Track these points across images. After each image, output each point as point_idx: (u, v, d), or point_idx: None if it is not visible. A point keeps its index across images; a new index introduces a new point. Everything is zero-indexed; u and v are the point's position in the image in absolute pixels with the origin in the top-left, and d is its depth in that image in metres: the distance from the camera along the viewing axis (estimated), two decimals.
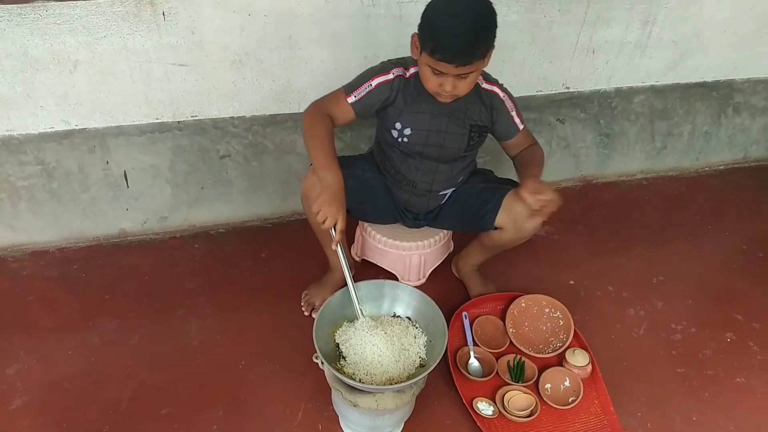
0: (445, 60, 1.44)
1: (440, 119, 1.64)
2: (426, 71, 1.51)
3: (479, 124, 1.68)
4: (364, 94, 1.60)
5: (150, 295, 1.95)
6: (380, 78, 1.60)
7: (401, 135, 1.66)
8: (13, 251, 2.07)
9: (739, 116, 2.65)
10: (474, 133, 1.69)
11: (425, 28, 1.46)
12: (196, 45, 1.82)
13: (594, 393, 1.72)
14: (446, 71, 1.47)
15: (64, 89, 1.80)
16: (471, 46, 1.43)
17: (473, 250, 1.95)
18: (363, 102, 1.61)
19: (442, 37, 1.42)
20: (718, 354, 1.88)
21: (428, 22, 1.46)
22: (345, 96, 1.60)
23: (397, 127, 1.65)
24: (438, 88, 1.52)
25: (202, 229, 2.21)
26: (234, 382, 1.71)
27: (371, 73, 1.62)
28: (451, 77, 1.48)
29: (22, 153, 1.89)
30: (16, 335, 1.80)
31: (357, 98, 1.60)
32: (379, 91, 1.60)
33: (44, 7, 1.65)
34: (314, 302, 1.90)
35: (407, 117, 1.64)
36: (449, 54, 1.43)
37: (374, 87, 1.60)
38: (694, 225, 2.42)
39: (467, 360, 1.76)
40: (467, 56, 1.44)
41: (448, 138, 1.67)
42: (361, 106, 1.61)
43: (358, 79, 1.63)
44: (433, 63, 1.46)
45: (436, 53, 1.44)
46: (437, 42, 1.43)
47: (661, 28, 2.24)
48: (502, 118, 1.69)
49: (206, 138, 2.02)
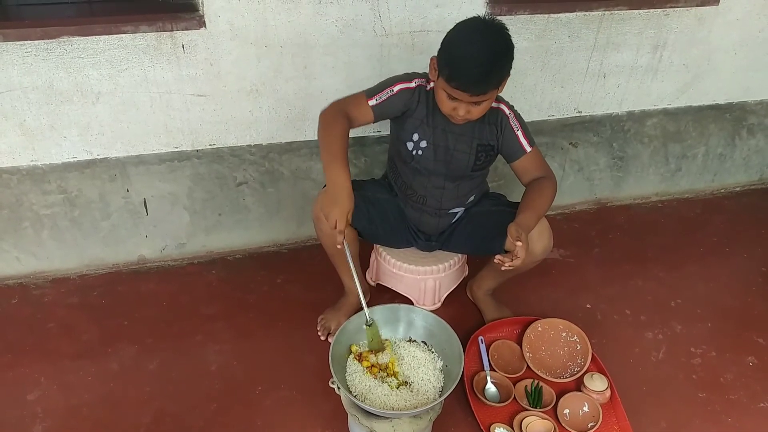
0: (460, 88, 1.47)
1: (450, 136, 1.67)
2: (441, 95, 1.54)
3: (486, 143, 1.69)
4: (385, 98, 1.61)
5: (168, 321, 1.97)
6: (402, 85, 1.63)
7: (417, 147, 1.68)
8: (35, 278, 2.11)
9: (753, 138, 2.65)
10: (481, 153, 1.70)
11: (443, 55, 1.50)
12: (214, 76, 1.87)
13: (614, 418, 1.70)
14: (461, 98, 1.50)
15: (87, 120, 1.86)
16: (486, 78, 1.46)
17: (486, 274, 1.95)
18: (384, 105, 1.62)
19: (458, 67, 1.45)
20: (740, 378, 1.85)
21: (446, 49, 1.49)
22: (366, 99, 1.61)
23: (414, 138, 1.68)
24: (452, 111, 1.55)
25: (219, 255, 2.24)
26: (251, 407, 1.71)
27: (394, 80, 1.64)
28: (465, 103, 1.51)
29: (45, 182, 1.94)
30: (37, 362, 1.82)
31: (378, 101, 1.61)
32: (400, 97, 1.62)
33: (69, 42, 1.71)
34: (330, 326, 1.90)
35: (425, 130, 1.66)
36: (464, 84, 1.46)
37: (396, 93, 1.62)
38: (711, 247, 2.41)
39: (484, 385, 1.75)
40: (482, 87, 1.47)
41: (455, 156, 1.69)
42: (381, 109, 1.62)
43: (380, 85, 1.64)
44: (449, 89, 1.49)
45: (452, 81, 1.47)
46: (453, 71, 1.46)
47: (672, 52, 2.27)
48: (507, 135, 1.68)
49: (224, 166, 2.06)
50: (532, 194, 1.66)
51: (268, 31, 1.83)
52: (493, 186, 2.27)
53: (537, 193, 1.66)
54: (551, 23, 2.06)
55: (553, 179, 1.70)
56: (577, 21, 2.09)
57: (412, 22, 1.92)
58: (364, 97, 1.62)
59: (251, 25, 1.80)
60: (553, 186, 1.68)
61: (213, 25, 1.78)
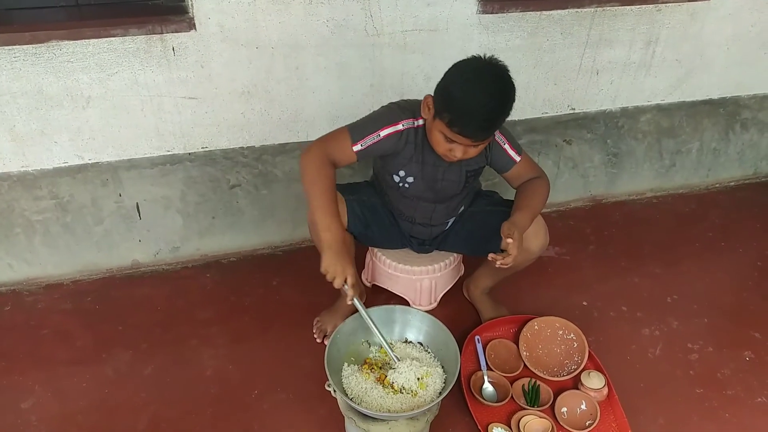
0: (463, 135, 1.43)
1: (439, 169, 1.64)
2: (438, 136, 1.49)
3: (476, 168, 1.68)
4: (370, 144, 1.55)
5: (163, 325, 1.96)
6: (389, 129, 1.56)
7: (403, 181, 1.66)
8: (28, 285, 2.09)
9: (747, 132, 2.65)
10: (470, 176, 1.69)
11: (444, 99, 1.43)
12: (205, 78, 1.85)
13: (611, 416, 1.69)
14: (461, 143, 1.46)
15: (78, 125, 1.84)
16: (492, 125, 1.44)
17: (483, 273, 1.94)
18: (368, 150, 1.56)
19: (463, 115, 1.40)
20: (737, 373, 1.85)
21: (449, 94, 1.42)
22: (351, 144, 1.54)
23: (400, 174, 1.65)
24: (448, 152, 1.50)
25: (213, 258, 2.23)
26: (247, 412, 1.70)
27: (380, 122, 1.57)
28: (463, 146, 1.48)
29: (36, 188, 1.92)
30: (30, 369, 1.81)
31: (363, 147, 1.55)
32: (386, 142, 1.57)
33: (58, 47, 1.69)
34: (326, 329, 1.90)
35: (412, 167, 1.63)
36: (470, 131, 1.42)
37: (382, 138, 1.55)
38: (706, 242, 2.41)
39: (481, 385, 1.74)
40: (487, 133, 1.45)
41: (444, 185, 1.68)
42: (365, 154, 1.57)
43: (365, 125, 1.57)
44: (449, 133, 1.44)
45: (454, 127, 1.42)
46: (457, 118, 1.41)
47: (664, 47, 2.26)
48: (496, 153, 1.66)
49: (216, 168, 2.05)
50: (526, 194, 1.65)
51: (258, 32, 1.81)
52: (486, 184, 2.27)
53: (530, 192, 1.65)
54: (543, 20, 2.06)
55: (546, 179, 1.70)
56: (569, 18, 2.08)
57: (403, 22, 1.92)
58: (348, 139, 1.55)
59: (242, 26, 1.79)
60: (546, 185, 1.68)
61: (203, 27, 1.76)
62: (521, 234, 1.55)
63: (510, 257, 1.52)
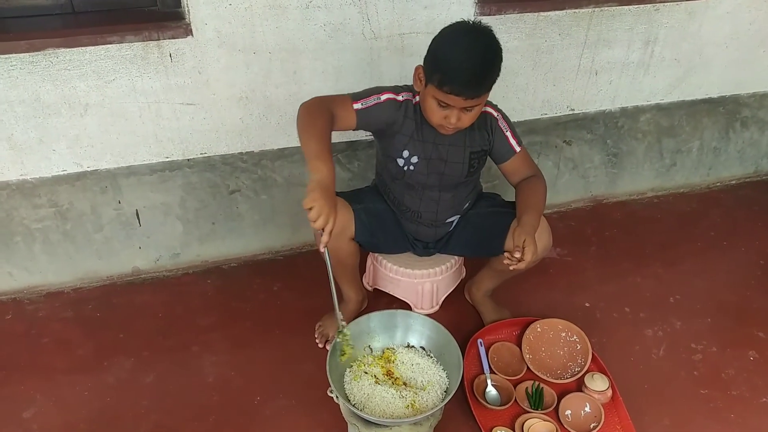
0: (453, 93, 1.43)
1: (441, 148, 1.64)
2: (431, 103, 1.50)
3: (479, 150, 1.67)
4: (371, 104, 1.55)
5: (164, 332, 1.95)
6: (389, 95, 1.58)
7: (408, 163, 1.65)
8: (29, 293, 2.08)
9: (747, 130, 2.64)
10: (474, 159, 1.68)
11: (433, 62, 1.46)
12: (203, 84, 1.85)
13: (616, 418, 1.68)
14: (453, 104, 1.46)
15: (76, 132, 1.84)
16: (481, 80, 1.44)
17: (485, 275, 1.94)
18: (368, 112, 1.55)
19: (451, 71, 1.42)
20: (742, 373, 1.84)
21: (436, 55, 1.46)
22: (351, 101, 1.55)
23: (404, 155, 1.65)
24: (443, 120, 1.51)
25: (214, 264, 2.22)
26: (249, 418, 1.69)
27: (381, 88, 1.59)
28: (457, 110, 1.48)
29: (35, 196, 1.92)
30: (32, 378, 1.80)
31: (363, 106, 1.54)
32: (386, 106, 1.57)
33: (55, 54, 1.69)
34: (328, 334, 1.89)
35: (415, 145, 1.63)
36: (459, 87, 1.43)
37: (383, 101, 1.57)
38: (708, 241, 2.40)
39: (484, 388, 1.73)
40: (477, 89, 1.45)
41: (449, 166, 1.66)
42: (365, 115, 1.55)
43: (366, 91, 1.58)
44: (441, 95, 1.45)
45: (444, 86, 1.43)
46: (446, 75, 1.42)
47: (663, 47, 2.26)
48: (498, 138, 1.67)
49: (216, 174, 2.04)
50: (528, 194, 1.65)
51: (256, 37, 1.81)
52: (487, 186, 2.27)
53: (531, 192, 1.65)
54: (541, 21, 2.05)
55: (542, 177, 1.70)
56: (567, 18, 2.08)
57: (401, 24, 1.91)
58: (350, 99, 1.56)
59: (239, 31, 1.79)
60: (544, 184, 1.68)
61: (200, 33, 1.76)
62: (534, 235, 1.55)
63: (523, 263, 1.52)
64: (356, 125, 1.56)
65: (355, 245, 1.72)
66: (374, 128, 1.63)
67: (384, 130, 1.62)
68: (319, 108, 1.49)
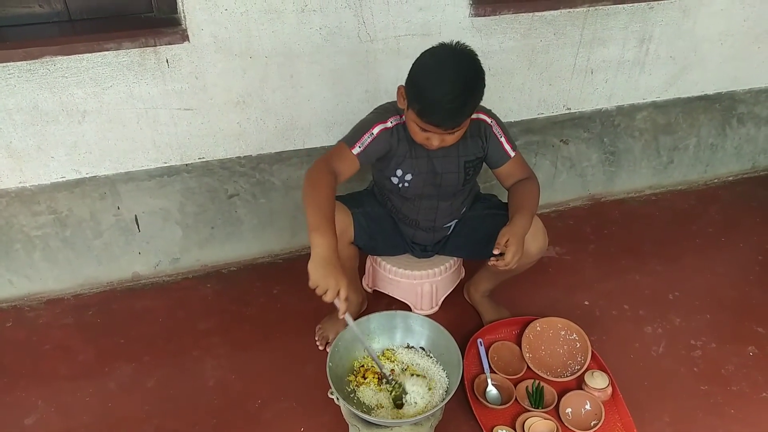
0: (432, 123, 1.43)
1: (436, 161, 1.64)
2: (413, 127, 1.49)
3: (473, 158, 1.67)
4: (368, 143, 1.56)
5: (165, 337, 1.96)
6: (380, 126, 1.57)
7: (402, 181, 1.66)
8: (29, 300, 2.09)
9: (744, 126, 2.65)
10: (469, 168, 1.68)
11: (413, 90, 1.44)
12: (200, 89, 1.86)
13: (616, 415, 1.69)
14: (433, 131, 1.46)
15: (74, 139, 1.84)
16: (459, 112, 1.43)
17: (483, 276, 1.94)
18: (367, 150, 1.56)
19: (429, 105, 1.40)
20: (741, 369, 1.85)
21: (415, 84, 1.43)
22: (349, 148, 1.55)
23: (398, 174, 1.65)
24: (425, 141, 1.50)
25: (213, 268, 2.23)
26: (250, 421, 1.70)
27: (369, 122, 1.58)
28: (438, 134, 1.47)
29: (35, 203, 1.92)
30: (33, 385, 1.81)
31: (362, 148, 1.55)
32: (381, 139, 1.58)
33: (52, 62, 1.70)
34: (328, 336, 1.89)
35: (408, 163, 1.63)
36: (437, 119, 1.42)
37: (376, 135, 1.56)
38: (706, 238, 2.40)
39: (485, 388, 1.74)
40: (455, 121, 1.44)
41: (444, 178, 1.67)
42: (365, 155, 1.56)
43: (357, 130, 1.58)
44: (421, 123, 1.45)
45: (423, 116, 1.42)
46: (425, 108, 1.41)
47: (658, 44, 2.26)
48: (493, 144, 1.67)
49: (214, 179, 2.05)
50: (520, 196, 1.66)
51: (252, 41, 1.82)
52: (484, 187, 2.27)
53: (523, 194, 1.66)
54: (536, 21, 2.06)
55: (536, 180, 1.70)
56: (562, 18, 2.08)
57: (396, 27, 1.92)
58: (346, 147, 1.55)
59: (235, 36, 1.79)
60: (537, 186, 1.69)
61: (196, 38, 1.77)
62: (522, 236, 1.55)
63: (502, 261, 1.53)
64: (360, 167, 1.58)
65: (354, 248, 1.73)
66: (375, 159, 1.63)
67: (382, 157, 1.63)
68: (319, 174, 1.49)
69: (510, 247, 1.51)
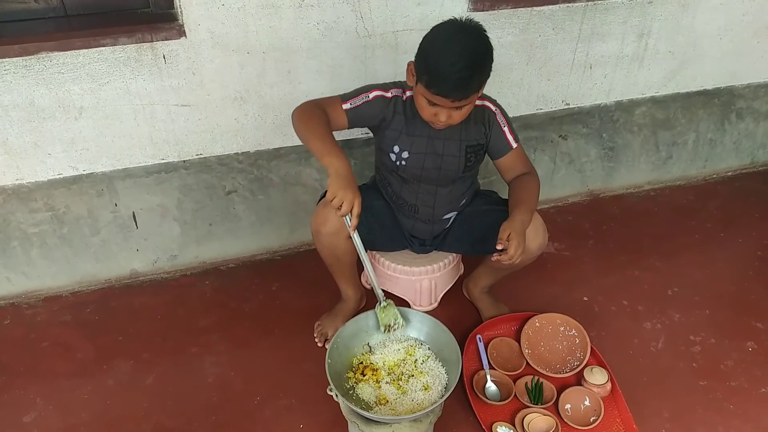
0: (441, 95, 1.44)
1: (437, 142, 1.64)
2: (421, 101, 1.51)
3: (475, 144, 1.67)
4: (360, 103, 1.59)
5: (163, 334, 1.95)
6: (378, 92, 1.61)
7: (399, 158, 1.66)
8: (27, 298, 2.08)
9: (742, 121, 2.65)
10: (470, 154, 1.68)
11: (421, 62, 1.46)
12: (197, 85, 1.85)
13: (615, 411, 1.69)
14: (442, 104, 1.47)
15: (71, 136, 1.84)
16: (467, 83, 1.43)
17: (482, 272, 1.94)
18: (358, 111, 1.59)
19: (438, 74, 1.42)
20: (741, 364, 1.85)
21: (425, 55, 1.46)
22: (341, 102, 1.59)
23: (395, 150, 1.66)
24: (433, 117, 1.52)
25: (212, 265, 2.22)
26: (250, 418, 1.69)
27: (371, 86, 1.62)
28: (446, 108, 1.48)
29: (32, 200, 1.92)
30: (31, 383, 1.80)
31: (352, 106, 1.59)
32: (375, 104, 1.60)
33: (48, 58, 1.69)
34: (327, 332, 1.89)
35: (405, 140, 1.64)
36: (445, 90, 1.43)
37: (371, 99, 1.60)
38: (705, 233, 2.40)
39: (484, 384, 1.74)
40: (463, 92, 1.44)
41: (445, 161, 1.67)
42: (354, 114, 1.59)
43: (357, 90, 1.62)
44: (429, 95, 1.46)
45: (431, 87, 1.44)
46: (433, 77, 1.43)
47: (657, 39, 2.26)
48: (495, 132, 1.67)
49: (212, 175, 2.04)
50: (520, 191, 1.65)
51: (249, 37, 1.81)
52: (484, 183, 2.27)
53: (524, 189, 1.65)
54: (535, 16, 2.05)
55: (536, 175, 1.70)
56: (561, 13, 2.08)
57: (394, 22, 1.91)
58: (339, 100, 1.60)
59: (232, 32, 1.78)
60: (537, 181, 1.69)
61: (193, 34, 1.76)
62: (523, 231, 1.55)
63: (506, 256, 1.53)
64: (348, 125, 1.61)
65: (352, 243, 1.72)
66: (366, 125, 1.66)
67: (377, 126, 1.65)
68: (312, 110, 1.54)
69: (512, 242, 1.52)
